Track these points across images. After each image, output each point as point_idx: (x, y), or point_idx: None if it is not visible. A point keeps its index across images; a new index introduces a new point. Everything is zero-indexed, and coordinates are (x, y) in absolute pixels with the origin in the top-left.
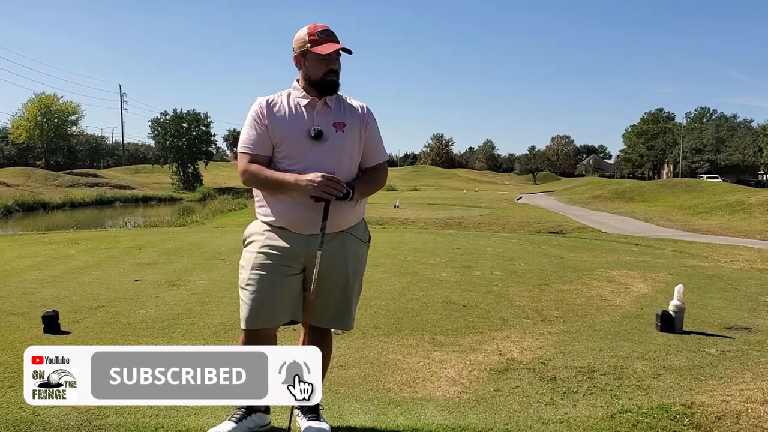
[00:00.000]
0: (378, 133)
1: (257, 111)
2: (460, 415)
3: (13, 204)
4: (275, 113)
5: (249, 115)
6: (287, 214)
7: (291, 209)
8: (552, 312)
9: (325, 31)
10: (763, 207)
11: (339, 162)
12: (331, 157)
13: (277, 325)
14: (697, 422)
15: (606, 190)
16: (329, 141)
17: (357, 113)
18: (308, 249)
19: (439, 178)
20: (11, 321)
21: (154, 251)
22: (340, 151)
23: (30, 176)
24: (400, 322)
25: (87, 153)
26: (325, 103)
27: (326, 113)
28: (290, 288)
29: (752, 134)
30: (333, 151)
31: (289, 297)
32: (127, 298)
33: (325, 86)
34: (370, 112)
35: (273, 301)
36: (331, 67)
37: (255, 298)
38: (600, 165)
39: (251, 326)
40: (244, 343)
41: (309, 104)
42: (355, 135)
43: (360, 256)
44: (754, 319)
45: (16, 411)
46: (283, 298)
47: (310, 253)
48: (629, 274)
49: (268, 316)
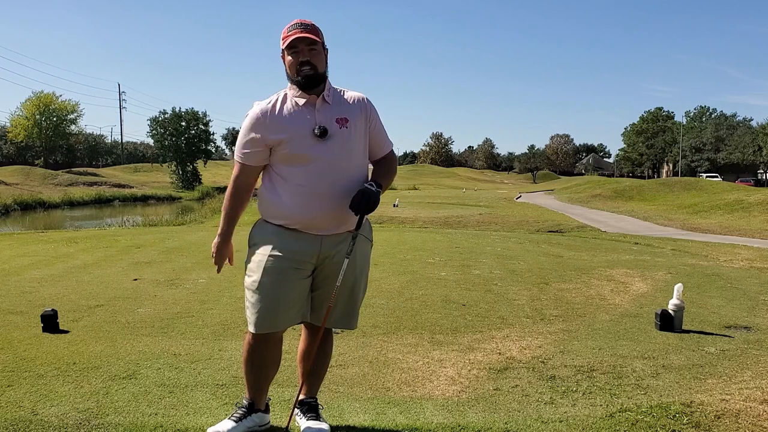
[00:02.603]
0: (381, 122)
1: (254, 119)
2: (460, 414)
3: (11, 203)
4: (276, 117)
5: (246, 121)
6: (301, 215)
7: (305, 210)
8: (551, 311)
9: (296, 24)
10: (763, 206)
11: (347, 159)
12: (338, 154)
13: (286, 327)
14: (696, 421)
15: (605, 189)
16: (335, 138)
17: (357, 106)
18: (321, 250)
19: (439, 176)
20: (10, 320)
21: (153, 250)
22: (347, 148)
23: (29, 175)
24: (399, 321)
25: (86, 152)
26: (324, 99)
27: (327, 110)
28: (301, 291)
29: (752, 133)
30: (339, 149)
31: (296, 299)
32: (126, 297)
33: (303, 81)
34: (370, 103)
35: (285, 306)
36: (302, 59)
37: (267, 304)
38: (599, 164)
39: (262, 330)
40: (252, 346)
41: (308, 102)
42: (359, 129)
43: (366, 255)
44: (754, 317)
45: (15, 410)
46: (289, 300)
47: (323, 254)
48: (629, 273)
49: (279, 320)
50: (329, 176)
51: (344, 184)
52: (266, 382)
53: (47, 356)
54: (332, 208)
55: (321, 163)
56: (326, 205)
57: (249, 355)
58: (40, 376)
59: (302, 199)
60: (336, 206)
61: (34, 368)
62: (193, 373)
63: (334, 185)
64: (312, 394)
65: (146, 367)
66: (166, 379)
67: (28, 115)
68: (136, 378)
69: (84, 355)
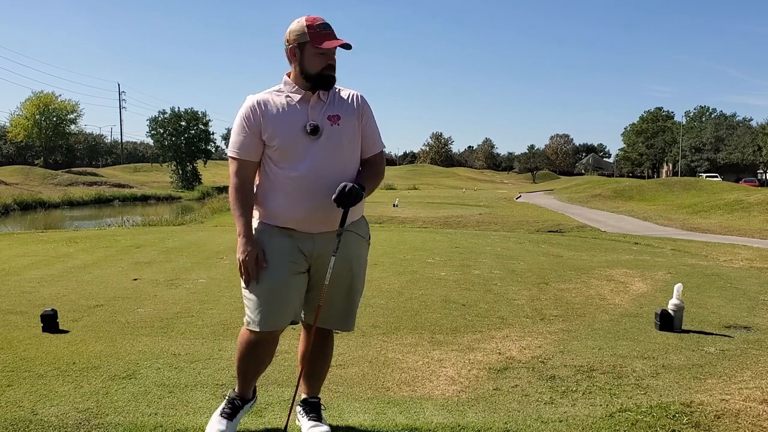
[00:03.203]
0: (374, 121)
1: (247, 112)
2: (459, 414)
3: (11, 203)
4: (267, 112)
5: (239, 116)
6: (294, 214)
7: (297, 208)
8: (551, 311)
9: (325, 25)
10: (762, 206)
11: (339, 156)
12: (330, 152)
13: (283, 326)
14: (696, 421)
15: (605, 189)
16: (326, 135)
17: (350, 103)
18: (315, 248)
19: (439, 176)
20: (10, 320)
21: (152, 250)
22: (338, 145)
23: (28, 175)
24: (399, 321)
25: (85, 152)
26: (319, 96)
27: (320, 107)
28: (297, 287)
29: (751, 133)
30: (331, 146)
31: (295, 297)
32: (126, 297)
33: (322, 81)
34: (364, 100)
35: (281, 302)
36: (330, 62)
37: (263, 300)
38: (599, 164)
39: (261, 328)
40: (249, 344)
41: (302, 99)
42: (351, 126)
43: (362, 254)
44: (753, 317)
45: (15, 410)
46: (290, 298)
47: (317, 252)
48: (628, 272)
49: (276, 317)
50: (320, 174)
51: (335, 182)
52: (257, 377)
53: (47, 356)
54: (324, 206)
55: (312, 161)
56: (318, 203)
57: (246, 352)
58: (40, 375)
59: (294, 198)
60: (327, 204)
61: (33, 368)
62: (193, 373)
63: (325, 183)
64: (314, 394)
65: (146, 367)
66: (166, 378)
67: (27, 115)
68: (135, 378)
69: (84, 355)
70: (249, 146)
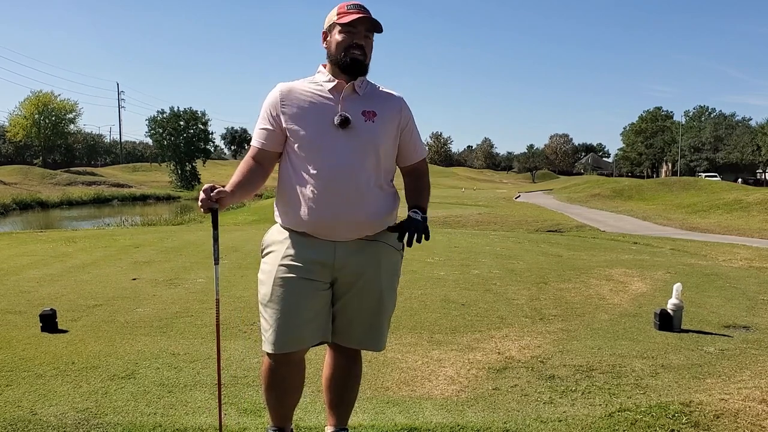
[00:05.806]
0: (416, 127)
1: (272, 101)
2: (459, 414)
3: (10, 202)
4: (293, 100)
5: (264, 103)
6: (313, 216)
7: (317, 211)
8: (550, 311)
9: (355, 4)
10: (762, 206)
11: (365, 156)
12: (361, 150)
13: (305, 347)
14: (695, 421)
15: (604, 189)
16: (357, 131)
17: (392, 103)
18: (336, 259)
19: (438, 176)
20: (8, 319)
21: (151, 250)
22: (368, 144)
23: (27, 174)
24: (398, 321)
25: (84, 151)
26: (354, 89)
27: (354, 100)
28: (318, 305)
29: (750, 133)
30: (362, 144)
31: (317, 315)
32: (125, 297)
33: (348, 63)
34: (407, 105)
35: (299, 321)
36: (356, 41)
37: (279, 319)
38: (598, 163)
39: (277, 351)
40: (270, 370)
41: (335, 88)
42: (388, 127)
43: (394, 266)
44: (753, 317)
45: (14, 410)
46: (310, 316)
47: (339, 263)
48: (628, 272)
49: (295, 337)
50: (347, 173)
51: (362, 185)
52: (290, 409)
53: (46, 356)
54: (347, 210)
55: (338, 157)
56: (340, 207)
57: (269, 380)
58: (39, 375)
59: (313, 198)
60: (352, 209)
61: (32, 368)
62: (192, 373)
63: (351, 184)
64: (342, 425)
65: (145, 366)
66: (165, 378)
67: (26, 115)
68: (134, 377)
69: (83, 354)
70: (268, 134)
